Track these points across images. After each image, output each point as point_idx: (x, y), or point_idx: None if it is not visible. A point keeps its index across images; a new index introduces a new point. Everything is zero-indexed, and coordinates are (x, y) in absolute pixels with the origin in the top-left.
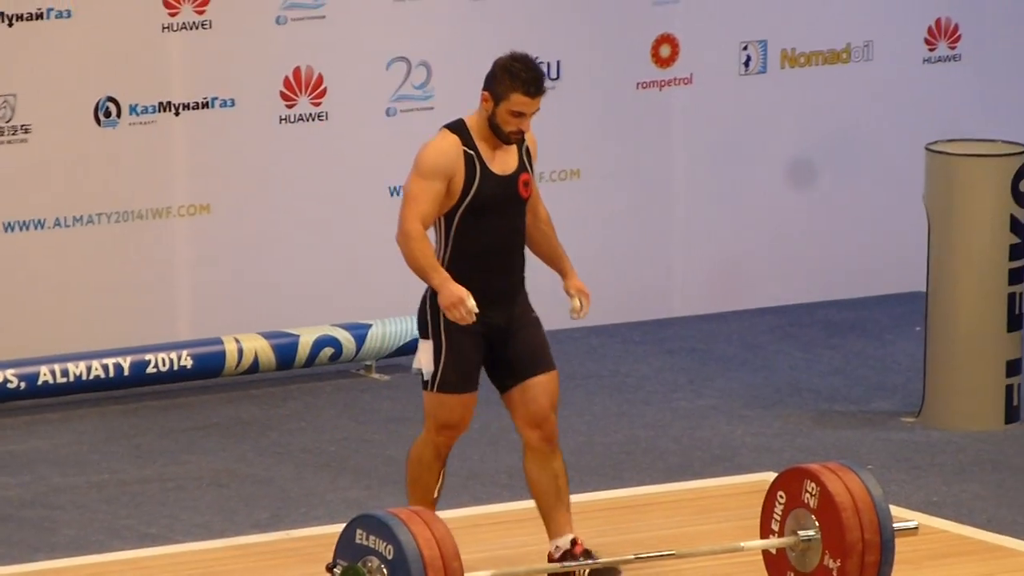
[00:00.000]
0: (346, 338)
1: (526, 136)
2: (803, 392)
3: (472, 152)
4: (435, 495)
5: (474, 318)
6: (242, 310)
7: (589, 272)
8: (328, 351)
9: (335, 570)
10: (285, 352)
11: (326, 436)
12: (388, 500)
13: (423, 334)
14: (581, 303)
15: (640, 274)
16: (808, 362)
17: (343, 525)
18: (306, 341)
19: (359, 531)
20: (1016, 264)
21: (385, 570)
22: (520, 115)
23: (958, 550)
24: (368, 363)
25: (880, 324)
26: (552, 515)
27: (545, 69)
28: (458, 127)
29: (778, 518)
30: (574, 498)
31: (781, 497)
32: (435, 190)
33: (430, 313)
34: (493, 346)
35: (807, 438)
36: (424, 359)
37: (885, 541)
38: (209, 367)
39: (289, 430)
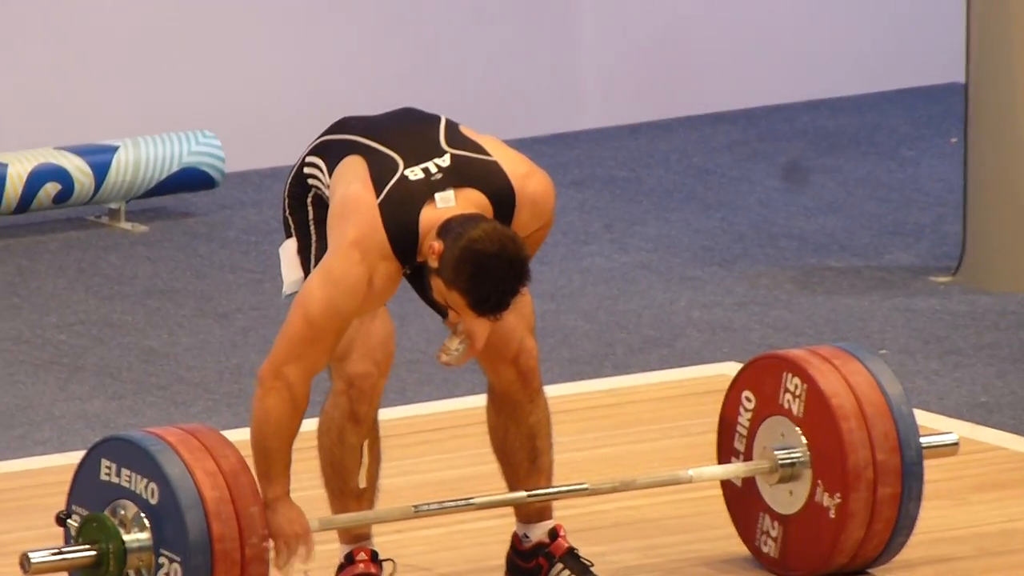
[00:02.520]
0: (78, 168)
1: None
2: (780, 240)
3: (408, 267)
4: (362, 484)
5: (305, 565)
6: None
7: (462, 69)
8: (52, 188)
9: (69, 521)
10: None
11: (52, 319)
12: (150, 415)
13: (287, 229)
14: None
15: (535, 71)
16: (787, 194)
17: (81, 454)
18: (17, 173)
19: (105, 463)
20: None
21: (147, 521)
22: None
23: (1022, 476)
24: (114, 206)
25: (897, 134)
26: (523, 489)
27: None
28: (403, 236)
29: (744, 432)
30: (435, 407)
31: (748, 400)
32: (342, 333)
33: (289, 203)
34: None
35: (787, 309)
36: (291, 267)
37: (908, 465)
38: None
39: None
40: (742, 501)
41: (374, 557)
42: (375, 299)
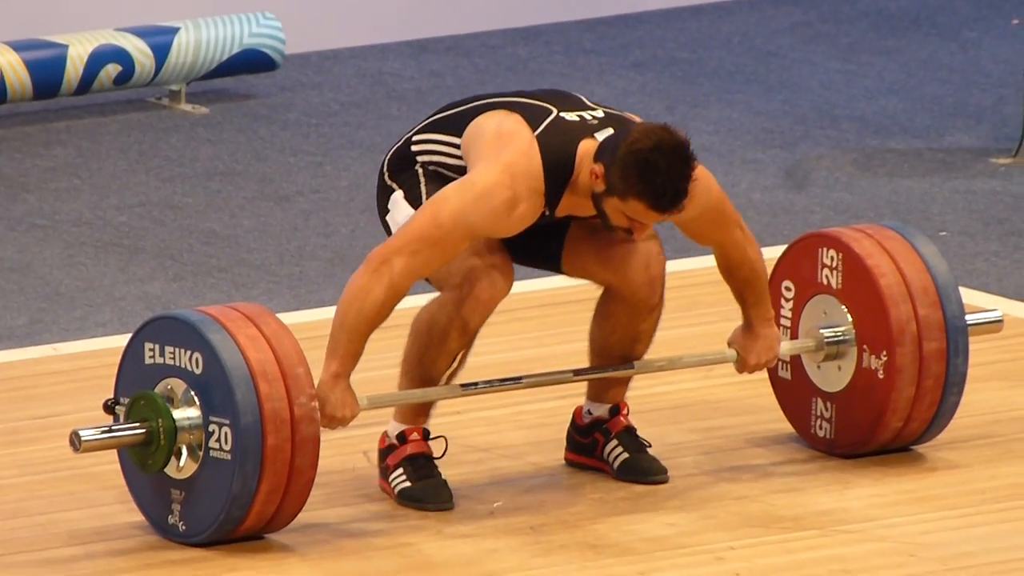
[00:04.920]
0: (139, 49)
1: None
2: (841, 121)
3: (549, 211)
4: (443, 382)
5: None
6: None
7: None
8: (112, 69)
9: (117, 408)
10: (46, 72)
11: (112, 200)
12: (210, 297)
13: (388, 193)
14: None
15: None
16: (849, 76)
17: None
18: (78, 54)
19: (148, 346)
20: None
21: (195, 397)
22: (637, 223)
23: None
24: (175, 88)
25: (959, 15)
26: (608, 389)
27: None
28: (560, 167)
29: (787, 324)
30: None
31: (788, 290)
32: (461, 248)
33: (390, 173)
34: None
35: (848, 192)
36: (400, 209)
37: (951, 318)
38: None
39: (56, 191)
40: (793, 392)
41: (426, 436)
42: (506, 228)
